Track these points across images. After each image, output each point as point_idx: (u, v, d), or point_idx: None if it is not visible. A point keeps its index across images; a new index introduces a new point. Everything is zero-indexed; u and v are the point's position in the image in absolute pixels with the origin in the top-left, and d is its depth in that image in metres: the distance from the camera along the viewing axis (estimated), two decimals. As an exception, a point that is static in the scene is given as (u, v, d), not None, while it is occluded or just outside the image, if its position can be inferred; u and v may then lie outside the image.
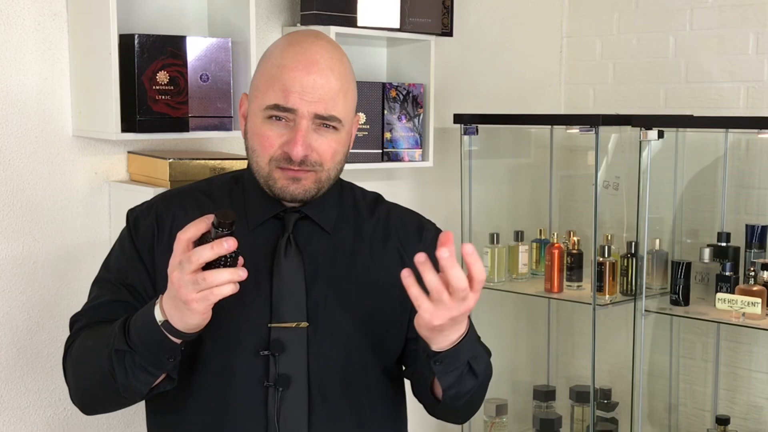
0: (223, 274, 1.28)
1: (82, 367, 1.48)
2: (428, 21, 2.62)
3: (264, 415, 1.47)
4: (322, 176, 1.50)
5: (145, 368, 1.38)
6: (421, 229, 1.65)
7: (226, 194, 1.58)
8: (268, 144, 1.47)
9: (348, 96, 1.52)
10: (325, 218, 1.56)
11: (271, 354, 1.47)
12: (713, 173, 2.89)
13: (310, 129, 1.46)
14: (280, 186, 1.48)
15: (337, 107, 1.48)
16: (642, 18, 3.16)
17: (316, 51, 1.49)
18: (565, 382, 3.28)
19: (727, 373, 2.95)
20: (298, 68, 1.46)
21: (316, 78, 1.46)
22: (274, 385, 1.47)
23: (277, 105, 1.45)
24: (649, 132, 2.62)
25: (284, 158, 1.46)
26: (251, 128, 1.51)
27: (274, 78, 1.47)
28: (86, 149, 2.18)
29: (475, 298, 1.31)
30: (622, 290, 2.76)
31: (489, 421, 3.03)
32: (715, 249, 2.69)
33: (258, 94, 1.49)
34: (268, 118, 1.47)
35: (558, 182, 3.20)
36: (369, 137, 2.55)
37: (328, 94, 1.46)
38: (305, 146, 1.45)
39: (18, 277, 2.09)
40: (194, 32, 2.28)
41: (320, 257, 1.54)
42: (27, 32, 2.06)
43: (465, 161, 2.98)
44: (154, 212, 1.57)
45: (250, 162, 1.53)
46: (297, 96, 1.44)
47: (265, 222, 1.54)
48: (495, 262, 2.94)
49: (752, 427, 2.89)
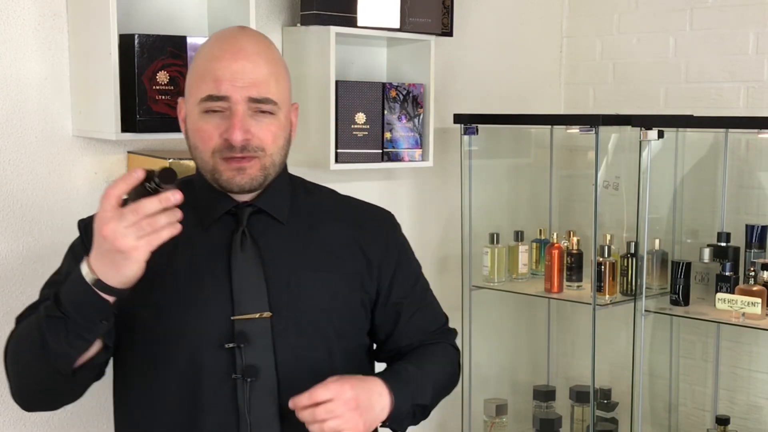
0: (162, 218, 1.30)
1: (17, 351, 1.49)
2: (428, 21, 2.62)
3: (234, 407, 1.49)
4: (266, 162, 1.51)
5: (79, 333, 1.38)
6: (379, 219, 1.69)
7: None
8: (208, 137, 1.49)
9: (280, 80, 1.53)
10: (278, 209, 1.58)
11: (237, 346, 1.49)
12: (713, 173, 2.89)
13: (246, 114, 1.48)
14: (226, 178, 1.50)
15: (270, 89, 1.49)
16: (642, 18, 3.16)
17: (241, 39, 1.52)
18: (565, 382, 3.28)
19: (727, 373, 2.95)
20: (226, 57, 1.48)
21: (245, 63, 1.48)
22: (242, 376, 1.49)
23: (210, 96, 1.47)
24: (649, 132, 2.62)
25: (226, 147, 1.47)
26: (190, 126, 1.53)
27: (204, 72, 1.49)
28: (86, 149, 2.18)
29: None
30: (622, 290, 2.76)
31: (489, 421, 3.03)
32: (715, 249, 2.69)
33: (192, 91, 1.51)
34: (204, 112, 1.48)
35: (558, 182, 3.20)
36: (369, 137, 2.55)
37: (259, 78, 1.48)
38: (243, 130, 1.47)
39: (18, 277, 2.09)
40: (194, 32, 2.28)
41: (277, 248, 1.56)
42: (27, 32, 2.06)
43: (465, 161, 2.98)
44: None
45: (195, 160, 1.54)
46: (228, 83, 1.46)
47: (219, 219, 1.56)
48: (495, 262, 2.94)
49: (752, 427, 2.88)
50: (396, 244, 1.69)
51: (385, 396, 1.50)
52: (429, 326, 1.71)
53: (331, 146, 2.45)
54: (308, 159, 2.52)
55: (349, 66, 2.69)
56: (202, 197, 1.57)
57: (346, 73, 2.67)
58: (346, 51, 2.65)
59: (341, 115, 2.48)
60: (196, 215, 1.56)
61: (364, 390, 1.47)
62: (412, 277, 1.71)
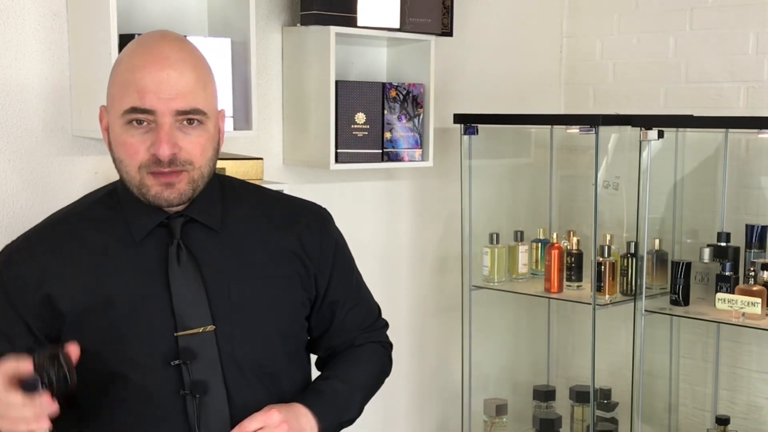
0: (28, 412, 1.27)
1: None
2: (428, 21, 2.62)
3: (186, 425, 1.46)
4: (195, 175, 1.46)
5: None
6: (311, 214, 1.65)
7: (103, 212, 1.54)
8: (133, 151, 1.43)
9: (208, 87, 1.48)
10: (211, 217, 1.53)
11: (183, 363, 1.45)
12: (713, 173, 2.89)
13: (173, 127, 1.42)
14: (153, 193, 1.45)
15: (197, 99, 1.43)
16: (642, 18, 3.16)
17: (164, 46, 1.44)
18: (565, 382, 3.28)
19: (727, 373, 2.95)
20: (148, 67, 1.41)
21: (170, 72, 1.41)
22: (190, 393, 1.45)
23: (134, 108, 1.41)
24: (649, 132, 2.61)
25: (153, 162, 1.42)
26: (114, 138, 1.46)
27: (126, 82, 1.42)
28: (86, 149, 2.18)
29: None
30: (622, 290, 2.76)
31: (489, 421, 3.03)
32: (715, 249, 2.69)
33: (114, 102, 1.45)
34: (128, 123, 1.42)
35: (558, 182, 3.20)
36: (369, 137, 2.55)
37: (186, 88, 1.42)
38: (171, 144, 1.41)
39: (18, 277, 2.09)
40: (194, 32, 2.28)
41: (214, 257, 1.52)
42: (27, 32, 2.06)
43: (465, 161, 2.98)
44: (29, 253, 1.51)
45: (120, 173, 1.48)
46: (153, 95, 1.40)
47: (151, 232, 1.50)
48: (495, 262, 2.94)
49: (752, 427, 2.88)
50: (330, 240, 1.65)
51: (311, 417, 1.51)
52: (363, 322, 1.70)
53: (331, 146, 2.45)
54: (308, 159, 2.52)
55: (349, 66, 2.69)
56: (130, 211, 1.50)
57: (346, 73, 2.67)
58: (346, 51, 2.65)
59: (341, 115, 2.48)
60: (126, 229, 1.50)
61: (291, 413, 1.48)
62: (348, 273, 1.69)
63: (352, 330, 1.68)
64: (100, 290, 1.47)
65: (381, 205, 2.88)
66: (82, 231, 1.52)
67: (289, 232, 1.59)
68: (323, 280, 1.62)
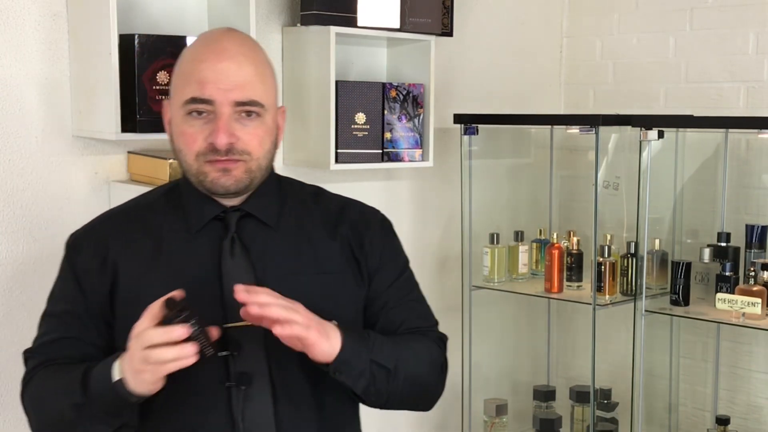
0: (169, 353, 1.31)
1: (43, 412, 1.51)
2: (428, 21, 2.62)
3: (229, 415, 1.47)
4: (252, 166, 1.49)
5: (102, 419, 1.41)
6: (366, 216, 1.66)
7: (164, 204, 1.58)
8: (192, 140, 1.47)
9: (267, 81, 1.51)
10: (267, 213, 1.56)
11: (230, 354, 1.47)
12: (713, 173, 2.89)
13: (231, 117, 1.45)
14: (210, 179, 1.48)
15: (255, 91, 1.47)
16: (642, 18, 3.16)
17: (226, 40, 1.49)
18: (565, 382, 3.28)
19: (727, 373, 2.95)
20: (209, 59, 1.46)
21: (229, 64, 1.45)
22: (235, 384, 1.47)
23: (194, 98, 1.45)
24: (649, 132, 2.61)
25: (210, 150, 1.45)
26: (174, 129, 1.51)
27: (188, 73, 1.47)
28: (86, 149, 2.18)
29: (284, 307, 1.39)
30: (622, 290, 2.76)
31: (489, 421, 3.03)
32: (715, 249, 2.69)
33: (176, 93, 1.49)
34: (188, 114, 1.46)
35: (558, 182, 3.20)
36: (369, 137, 2.55)
37: (244, 79, 1.46)
38: (228, 134, 1.44)
39: (18, 277, 2.09)
40: (194, 32, 2.27)
41: (267, 253, 1.54)
42: (27, 32, 2.06)
43: (465, 161, 2.98)
44: (96, 235, 1.57)
45: (180, 163, 1.52)
46: (212, 85, 1.44)
47: (207, 224, 1.53)
48: (495, 262, 2.94)
49: (752, 427, 2.89)
50: (389, 244, 1.67)
51: (338, 334, 1.45)
52: (415, 323, 1.65)
53: (331, 146, 2.45)
54: (308, 159, 2.52)
55: (349, 66, 2.69)
56: (188, 202, 1.55)
57: (346, 73, 2.67)
58: (346, 51, 2.65)
59: (341, 115, 2.48)
60: (183, 221, 1.54)
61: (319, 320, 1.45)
62: (404, 280, 1.68)
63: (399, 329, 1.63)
64: (156, 276, 1.50)
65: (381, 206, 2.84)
66: (142, 219, 1.57)
67: (344, 232, 1.61)
68: (378, 282, 1.62)
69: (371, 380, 1.49)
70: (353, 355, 1.46)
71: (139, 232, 1.55)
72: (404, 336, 1.60)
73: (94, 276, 1.53)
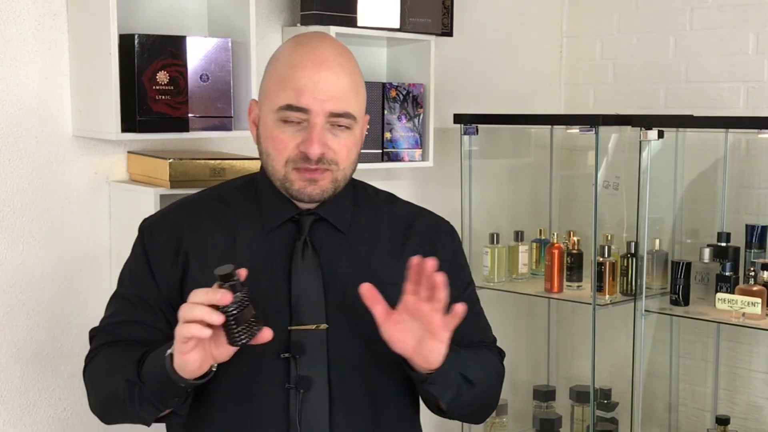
0: (195, 310, 1.29)
1: (99, 387, 1.51)
2: (428, 21, 2.62)
3: (286, 417, 1.48)
4: (339, 175, 1.50)
5: (151, 402, 1.40)
6: (437, 227, 1.66)
7: (240, 199, 1.58)
8: (282, 146, 1.47)
9: (359, 93, 1.52)
10: (341, 219, 1.56)
11: (292, 356, 1.47)
12: (713, 173, 2.89)
13: (324, 128, 1.46)
14: (297, 188, 1.48)
15: (350, 104, 1.47)
16: (642, 18, 3.16)
17: (325, 49, 1.48)
18: (565, 382, 3.28)
19: (727, 373, 2.95)
20: (308, 66, 1.45)
21: (327, 75, 1.45)
22: (295, 387, 1.47)
23: (289, 105, 1.44)
24: (649, 132, 2.61)
25: (301, 158, 1.46)
26: (264, 132, 1.50)
27: (284, 78, 1.46)
28: (86, 149, 2.18)
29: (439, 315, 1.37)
30: (622, 290, 2.76)
31: (489, 421, 3.03)
32: (715, 249, 2.69)
33: (269, 96, 1.49)
34: (281, 120, 1.46)
35: (558, 182, 3.20)
36: (369, 137, 2.55)
37: (340, 91, 1.46)
38: (321, 144, 1.45)
39: (18, 277, 2.09)
40: (194, 32, 2.28)
41: (337, 258, 1.54)
42: (27, 32, 2.06)
43: (465, 161, 2.98)
44: (170, 221, 1.57)
45: (265, 166, 1.52)
46: (309, 95, 1.44)
47: (280, 225, 1.54)
48: (495, 262, 2.94)
49: (752, 427, 2.89)
50: (456, 257, 1.66)
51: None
52: (477, 336, 1.65)
53: (331, 146, 2.45)
54: (308, 159, 2.52)
55: (349, 66, 2.69)
56: (265, 202, 1.55)
57: (346, 73, 2.67)
58: (346, 51, 2.64)
59: (341, 115, 2.48)
60: (258, 218, 1.55)
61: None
62: (468, 295, 1.66)
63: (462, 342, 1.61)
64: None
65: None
66: (217, 211, 1.57)
67: (414, 241, 1.60)
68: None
69: (458, 393, 1.49)
70: (450, 366, 1.44)
71: (213, 223, 1.55)
72: (475, 350, 1.60)
73: (166, 263, 1.53)
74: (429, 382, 1.44)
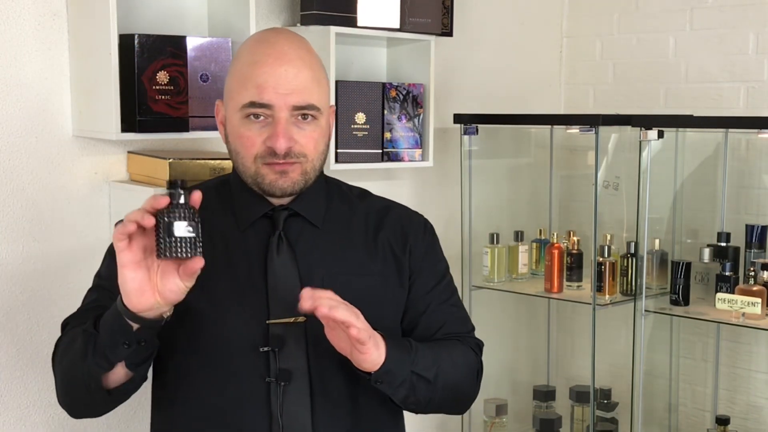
0: (134, 212, 1.29)
1: (63, 361, 1.50)
2: (428, 21, 2.62)
3: (267, 410, 1.49)
4: (308, 167, 1.52)
5: (102, 352, 1.39)
6: (410, 219, 1.68)
7: (215, 198, 1.60)
8: (250, 143, 1.49)
9: (322, 84, 1.53)
10: (314, 213, 1.58)
11: (271, 350, 1.49)
12: (713, 173, 2.89)
13: (289, 121, 1.48)
14: (268, 181, 1.50)
15: (313, 95, 1.49)
16: (642, 18, 3.16)
17: (283, 44, 1.50)
18: (565, 382, 3.28)
19: (727, 373, 2.95)
20: (268, 62, 1.47)
21: (288, 69, 1.47)
22: (275, 380, 1.49)
23: (252, 102, 1.47)
24: (649, 132, 2.62)
25: (269, 153, 1.48)
26: (231, 131, 1.53)
27: (246, 76, 1.48)
28: (86, 149, 2.18)
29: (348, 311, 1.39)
30: (622, 290, 2.76)
31: (489, 421, 3.03)
32: (715, 249, 2.69)
33: (233, 95, 1.51)
34: (246, 117, 1.48)
35: (558, 182, 3.20)
36: (369, 137, 2.55)
37: (302, 84, 1.48)
38: (287, 138, 1.47)
39: (18, 277, 2.09)
40: (194, 32, 2.28)
41: (312, 252, 1.56)
42: (27, 32, 2.06)
43: (465, 161, 2.98)
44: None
45: (236, 165, 1.54)
46: (271, 90, 1.46)
47: (255, 222, 1.56)
48: (495, 262, 2.94)
49: (752, 427, 2.89)
50: (426, 243, 1.67)
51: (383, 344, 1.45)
52: (453, 328, 1.66)
53: (331, 146, 2.45)
54: (308, 159, 2.52)
55: (349, 66, 2.69)
56: (239, 200, 1.58)
57: (346, 73, 2.67)
58: (346, 51, 2.65)
59: (341, 115, 2.48)
60: (233, 217, 1.57)
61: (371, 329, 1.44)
62: (444, 286, 1.68)
63: (437, 334, 1.64)
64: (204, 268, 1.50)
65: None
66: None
67: (388, 233, 1.62)
68: (419, 285, 1.62)
69: (411, 390, 1.50)
70: (396, 366, 1.46)
71: None
72: (442, 342, 1.61)
73: None
74: (375, 381, 1.46)
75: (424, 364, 1.52)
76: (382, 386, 1.47)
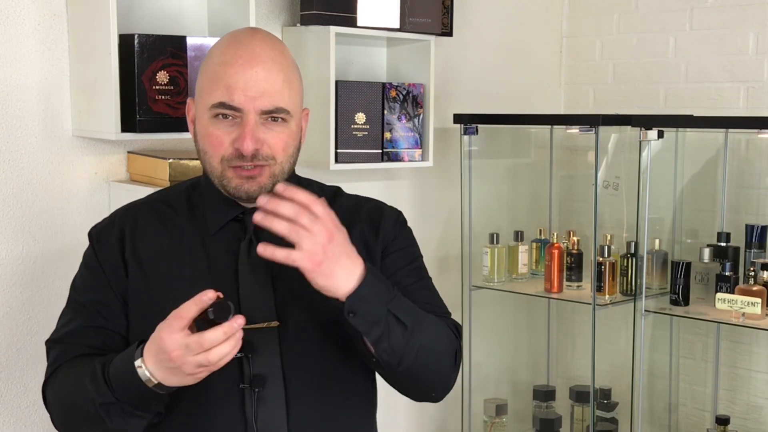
0: (224, 348, 1.32)
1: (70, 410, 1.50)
2: (428, 21, 2.62)
3: (242, 417, 1.48)
4: (276, 170, 1.49)
5: (134, 414, 1.41)
6: (382, 210, 1.67)
7: (184, 202, 1.59)
8: (218, 143, 1.47)
9: (294, 87, 1.51)
10: None
11: (245, 356, 1.47)
12: (713, 173, 2.89)
13: (258, 123, 1.46)
14: (234, 185, 1.48)
15: (283, 99, 1.47)
16: (642, 18, 3.16)
17: (256, 45, 1.48)
18: (565, 382, 3.28)
19: (727, 373, 2.95)
20: (239, 64, 1.45)
21: (258, 71, 1.45)
22: (249, 386, 1.48)
23: (222, 103, 1.45)
24: (649, 132, 2.62)
25: (236, 156, 1.46)
26: (200, 130, 1.51)
27: (216, 76, 1.46)
28: (86, 149, 2.18)
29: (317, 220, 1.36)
30: (622, 290, 2.76)
31: (489, 421, 3.03)
32: (715, 249, 2.69)
33: (203, 95, 1.49)
34: (215, 117, 1.46)
35: (558, 182, 3.20)
36: (369, 137, 2.55)
37: (272, 87, 1.46)
38: (255, 140, 1.45)
39: (18, 277, 2.09)
40: (194, 32, 2.28)
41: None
42: (27, 32, 2.06)
43: (465, 161, 2.98)
44: (117, 227, 1.58)
45: (203, 164, 1.52)
46: (241, 92, 1.44)
47: (225, 225, 1.54)
48: (495, 262, 2.94)
49: (752, 427, 2.89)
50: (396, 231, 1.66)
51: (357, 271, 1.39)
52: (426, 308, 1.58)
53: (331, 146, 2.45)
54: (308, 159, 2.52)
55: (349, 66, 2.69)
56: (209, 203, 1.56)
57: (346, 73, 2.67)
58: (346, 51, 2.65)
59: (341, 115, 2.48)
60: (202, 220, 1.55)
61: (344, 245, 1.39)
62: (412, 260, 1.66)
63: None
64: (172, 273, 1.51)
65: (381, 205, 2.88)
66: (163, 214, 1.58)
67: (360, 226, 1.61)
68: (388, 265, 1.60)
69: (386, 331, 1.41)
70: (372, 294, 1.39)
71: (160, 227, 1.56)
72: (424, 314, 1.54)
73: (117, 267, 1.54)
74: (348, 312, 1.38)
75: (402, 308, 1.45)
76: (355, 320, 1.39)
